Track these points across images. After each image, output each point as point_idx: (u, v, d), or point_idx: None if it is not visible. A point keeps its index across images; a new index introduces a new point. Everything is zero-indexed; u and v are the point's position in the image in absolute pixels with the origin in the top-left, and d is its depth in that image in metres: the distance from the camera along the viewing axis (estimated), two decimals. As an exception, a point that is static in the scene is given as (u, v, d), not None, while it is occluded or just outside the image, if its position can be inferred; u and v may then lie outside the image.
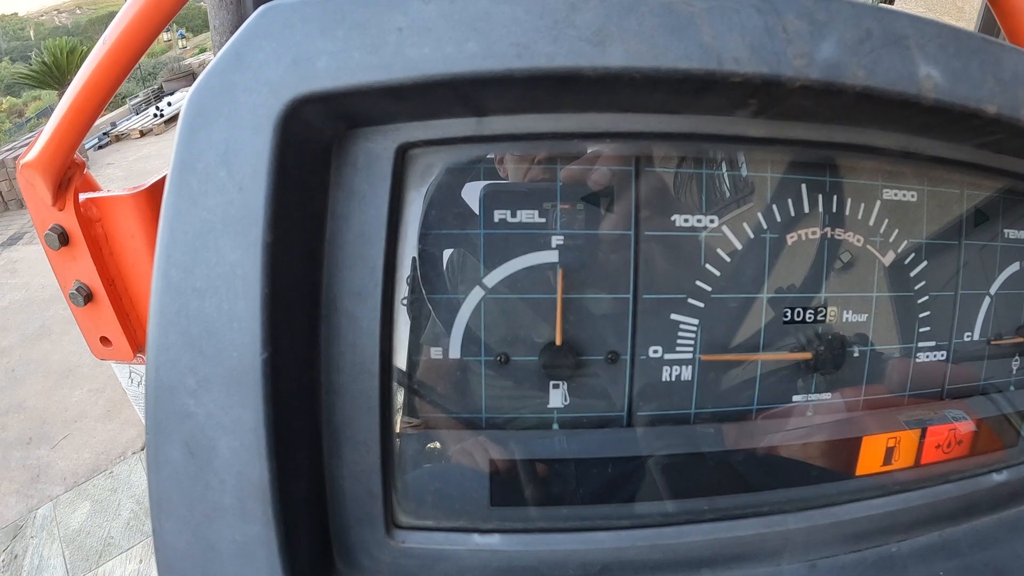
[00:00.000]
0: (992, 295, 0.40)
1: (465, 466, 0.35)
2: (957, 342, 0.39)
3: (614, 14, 0.27)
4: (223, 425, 0.28)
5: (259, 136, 0.27)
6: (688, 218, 0.34)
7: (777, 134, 0.33)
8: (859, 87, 0.29)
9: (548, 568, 0.34)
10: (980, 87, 0.30)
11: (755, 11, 0.28)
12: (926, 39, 0.29)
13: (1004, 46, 0.31)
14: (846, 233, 0.36)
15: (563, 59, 0.26)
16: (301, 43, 0.27)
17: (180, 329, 0.28)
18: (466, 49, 0.26)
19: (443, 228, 0.33)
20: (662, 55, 0.27)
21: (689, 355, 0.35)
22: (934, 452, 0.39)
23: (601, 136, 0.32)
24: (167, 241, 0.27)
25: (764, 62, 0.27)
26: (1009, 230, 0.39)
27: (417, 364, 0.34)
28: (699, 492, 0.36)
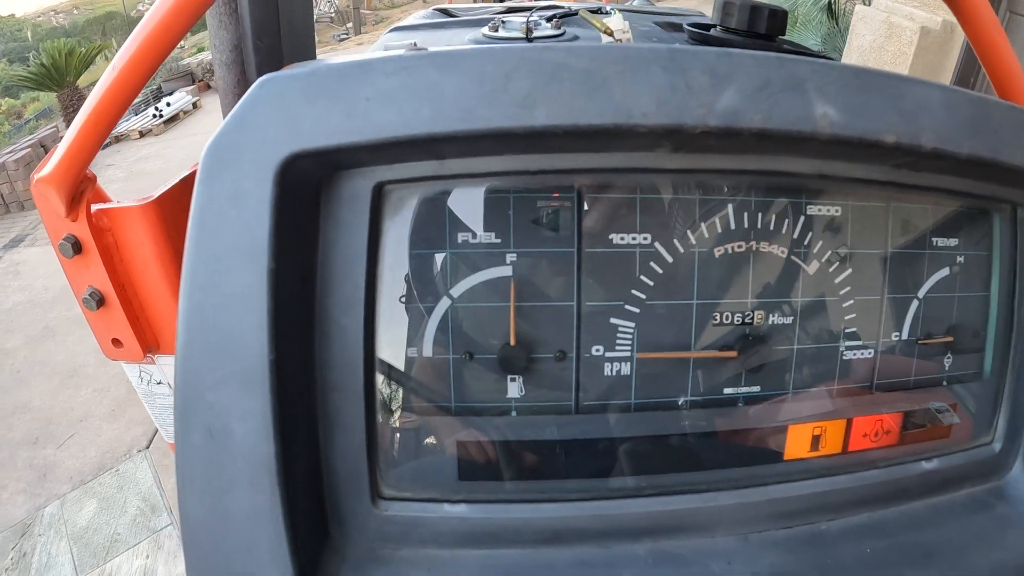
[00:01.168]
0: (921, 298, 0.44)
1: (437, 447, 0.41)
2: (885, 341, 0.43)
3: (540, 81, 0.32)
4: (237, 413, 0.34)
5: (262, 184, 0.33)
6: (624, 236, 0.39)
7: (696, 165, 0.39)
8: (756, 129, 0.33)
9: (507, 533, 0.40)
10: (879, 120, 0.34)
11: (661, 70, 0.33)
12: (824, 81, 0.34)
13: (908, 80, 0.35)
14: (771, 246, 0.40)
15: (498, 121, 0.32)
16: (291, 110, 0.33)
17: (202, 337, 0.34)
18: (421, 114, 0.32)
19: (415, 249, 0.39)
20: (580, 114, 0.32)
21: (627, 353, 0.40)
22: (862, 440, 0.43)
23: (542, 173, 0.38)
24: (191, 266, 0.33)
25: (667, 114, 0.33)
26: (937, 238, 0.43)
27: (396, 362, 0.40)
28: (638, 471, 0.41)
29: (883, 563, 0.41)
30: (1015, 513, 0.45)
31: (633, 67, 0.32)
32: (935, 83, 0.37)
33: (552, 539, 0.40)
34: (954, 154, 0.37)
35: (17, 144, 5.92)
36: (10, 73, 10.85)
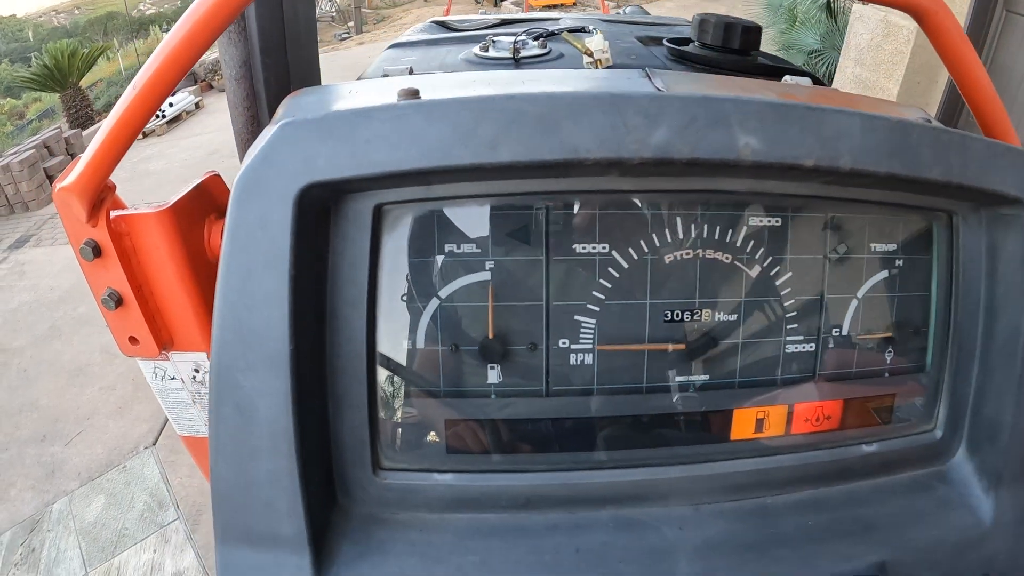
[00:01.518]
0: (860, 298, 0.48)
1: (428, 425, 0.47)
2: (825, 336, 0.48)
3: (504, 126, 0.38)
4: (262, 393, 0.41)
5: (284, 208, 0.39)
6: (585, 246, 0.45)
7: (643, 187, 0.44)
8: (685, 159, 0.39)
9: (487, 499, 0.45)
10: (798, 146, 0.40)
11: (603, 113, 0.39)
12: (746, 115, 0.39)
13: (828, 110, 0.40)
14: (716, 253, 0.45)
15: (471, 159, 0.39)
16: (307, 150, 0.39)
17: (234, 331, 0.41)
18: (410, 153, 0.38)
19: (408, 258, 0.45)
20: (536, 152, 0.38)
21: (589, 345, 0.46)
22: (804, 424, 0.48)
23: (513, 195, 0.44)
24: (225, 274, 0.39)
25: (608, 150, 0.39)
26: (876, 244, 0.48)
27: (393, 352, 0.46)
28: (601, 447, 0.46)
29: (823, 535, 0.45)
30: (956, 495, 0.49)
31: (580, 111, 0.39)
32: (857, 112, 0.41)
33: (526, 505, 0.46)
34: (873, 173, 0.42)
35: (21, 145, 5.93)
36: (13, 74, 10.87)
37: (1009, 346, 0.48)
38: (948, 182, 0.43)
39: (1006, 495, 0.48)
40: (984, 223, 0.48)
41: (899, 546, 0.42)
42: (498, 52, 0.76)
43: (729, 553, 0.44)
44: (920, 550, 0.45)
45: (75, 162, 0.54)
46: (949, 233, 0.49)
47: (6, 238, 4.91)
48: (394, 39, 0.96)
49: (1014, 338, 0.48)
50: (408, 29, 1.08)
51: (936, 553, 0.46)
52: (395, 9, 14.58)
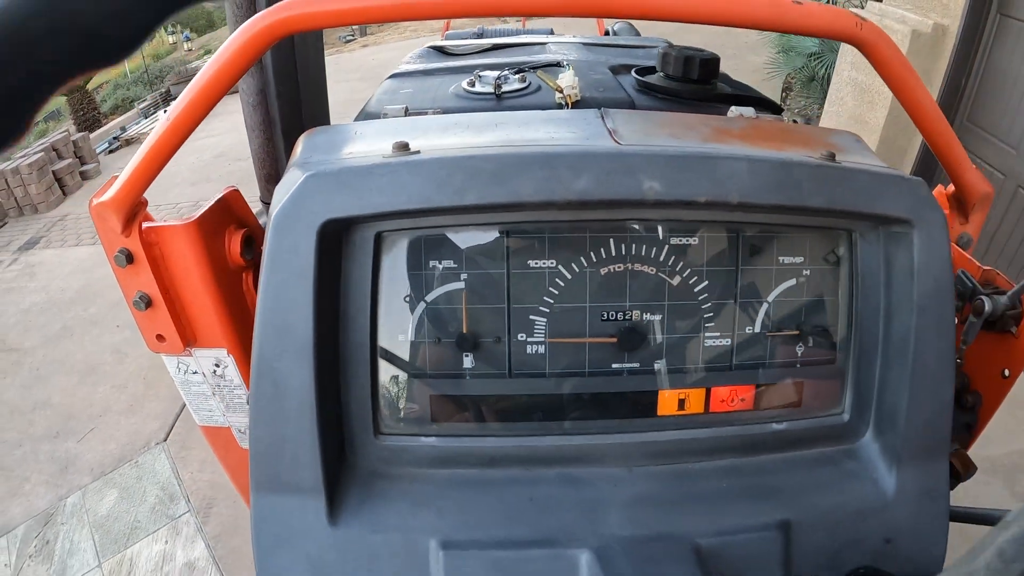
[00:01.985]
0: (770, 302, 0.57)
1: (417, 399, 0.58)
2: (739, 333, 0.56)
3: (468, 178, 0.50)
4: (291, 374, 0.51)
5: (309, 237, 0.50)
6: (537, 262, 0.54)
7: (580, 217, 0.55)
8: (603, 200, 0.50)
9: (461, 457, 0.57)
10: (693, 187, 0.50)
11: (539, 168, 0.50)
12: (651, 165, 0.50)
13: (720, 156, 0.50)
14: (643, 266, 0.55)
15: (445, 202, 0.50)
16: (326, 195, 0.50)
17: (272, 328, 0.51)
18: (400, 198, 0.49)
19: (403, 271, 0.56)
20: (492, 196, 0.50)
21: (542, 339, 0.57)
22: (720, 404, 0.57)
23: (479, 225, 0.55)
24: (266, 286, 0.49)
25: (543, 195, 0.50)
26: (784, 257, 0.56)
27: (390, 344, 0.57)
28: (551, 418, 0.56)
29: (736, 496, 0.54)
30: (861, 469, 0.56)
31: (523, 167, 0.50)
32: (745, 156, 0.51)
33: (491, 462, 0.57)
34: (759, 205, 0.52)
35: (30, 148, 5.99)
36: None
37: (903, 345, 0.55)
38: (831, 209, 0.53)
39: (907, 472, 0.55)
40: (881, 239, 0.56)
41: (804, 509, 0.48)
42: (483, 87, 0.88)
43: (653, 507, 0.53)
44: (823, 513, 0.53)
45: (111, 181, 0.61)
46: (850, 248, 0.58)
47: (16, 240, 4.97)
48: (393, 70, 1.05)
49: (906, 338, 0.55)
50: (406, 56, 1.17)
51: (839, 517, 0.53)
52: (398, 11, 14.65)
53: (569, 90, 0.81)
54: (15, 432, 2.79)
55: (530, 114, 0.62)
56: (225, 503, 2.23)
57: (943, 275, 0.54)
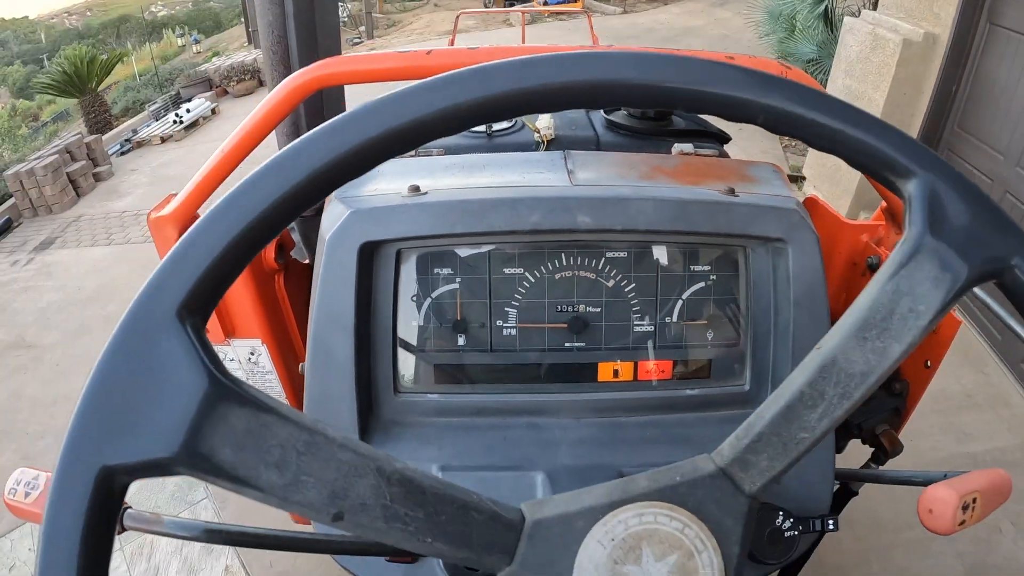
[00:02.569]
0: (684, 299, 0.73)
1: (424, 366, 0.77)
2: (660, 322, 0.72)
3: (458, 215, 0.69)
4: (337, 347, 0.69)
5: (351, 254, 0.69)
6: (510, 270, 0.74)
7: (537, 239, 0.73)
8: (548, 229, 0.69)
9: (456, 409, 0.75)
10: (612, 220, 0.67)
11: (506, 208, 0.69)
12: (581, 205, 0.69)
13: (631, 199, 0.68)
14: (586, 273, 0.71)
15: (443, 231, 0.70)
16: (362, 227, 0.69)
17: (325, 314, 0.70)
18: (413, 228, 0.68)
19: (415, 276, 0.74)
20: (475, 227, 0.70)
21: (514, 324, 0.75)
22: (646, 374, 0.73)
23: (469, 244, 0.74)
24: (321, 287, 0.66)
25: (510, 226, 0.69)
26: (694, 266, 0.73)
27: (404, 329, 0.75)
28: (521, 380, 0.77)
29: (656, 441, 0.70)
30: None
31: (495, 207, 0.69)
32: (652, 197, 0.68)
33: (478, 413, 0.75)
34: (662, 231, 0.70)
35: (45, 150, 6.12)
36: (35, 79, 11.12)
37: (787, 332, 0.71)
38: (719, 233, 0.71)
39: None
40: (768, 253, 0.73)
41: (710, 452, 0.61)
42: (480, 126, 1.09)
43: (593, 447, 0.71)
44: None
45: (169, 199, 0.73)
46: (745, 259, 0.74)
47: (31, 240, 5.06)
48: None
49: (789, 327, 0.70)
50: None
51: None
52: (405, 14, 14.74)
53: (545, 131, 1.01)
54: (37, 424, 2.89)
55: (510, 156, 0.81)
56: (241, 490, 2.34)
57: (815, 279, 0.70)
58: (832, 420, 0.33)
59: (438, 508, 0.31)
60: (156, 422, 0.28)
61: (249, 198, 0.31)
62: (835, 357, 0.33)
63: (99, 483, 0.28)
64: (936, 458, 2.28)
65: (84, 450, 0.28)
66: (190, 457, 0.29)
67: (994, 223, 0.33)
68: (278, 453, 0.29)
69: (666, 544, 0.33)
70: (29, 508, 0.58)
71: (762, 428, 0.34)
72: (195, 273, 0.30)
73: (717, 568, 0.33)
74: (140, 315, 0.30)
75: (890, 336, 0.33)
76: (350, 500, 0.30)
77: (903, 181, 0.35)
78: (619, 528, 0.33)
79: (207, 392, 0.29)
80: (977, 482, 0.52)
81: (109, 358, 0.29)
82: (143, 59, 15.12)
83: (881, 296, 0.33)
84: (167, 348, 0.29)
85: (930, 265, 0.33)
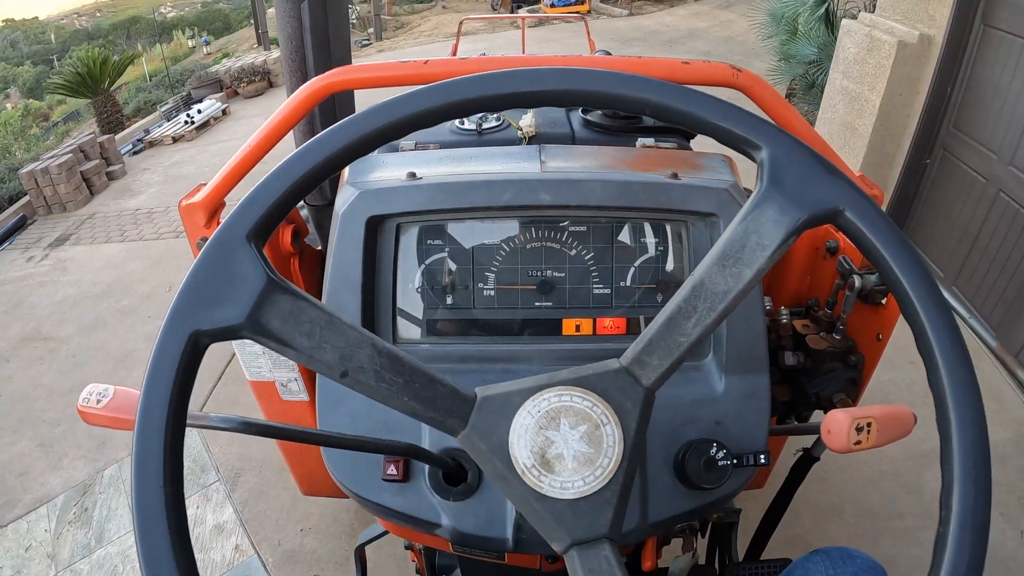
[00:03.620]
0: (636, 266, 0.83)
1: (417, 321, 0.88)
2: (616, 286, 0.82)
3: (448, 194, 0.82)
4: (347, 302, 0.82)
5: (359, 227, 0.82)
6: (489, 240, 0.86)
7: (510, 214, 0.85)
8: (518, 205, 0.82)
9: (444, 356, 0.86)
10: (570, 198, 0.82)
11: (484, 189, 0.82)
12: (546, 186, 0.81)
13: (586, 180, 0.82)
14: (552, 244, 0.81)
15: (434, 206, 0.83)
16: (369, 203, 0.82)
17: (338, 276, 0.82)
18: (409, 205, 0.79)
19: (412, 246, 0.86)
20: (460, 203, 0.82)
21: (493, 286, 0.87)
22: (604, 329, 0.84)
23: (455, 219, 0.86)
24: (335, 254, 0.76)
25: (487, 203, 0.82)
26: (643, 238, 0.82)
27: (403, 291, 0.87)
28: (500, 333, 0.88)
29: None
30: (701, 377, 0.81)
31: (478, 188, 0.82)
32: (600, 179, 0.79)
33: (462, 360, 0.86)
34: (610, 207, 0.81)
35: (59, 149, 6.23)
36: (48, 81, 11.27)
37: None
38: (658, 208, 0.81)
39: (733, 380, 0.79)
40: (706, 226, 0.83)
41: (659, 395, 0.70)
42: (470, 124, 1.22)
43: None
44: (672, 398, 0.77)
45: (198, 188, 0.83)
46: (687, 231, 0.85)
47: (46, 236, 5.16)
48: None
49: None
50: None
51: (682, 402, 0.78)
52: (414, 16, 14.85)
53: (527, 128, 1.16)
54: (54, 412, 2.98)
55: (495, 150, 0.92)
56: (252, 473, 2.43)
57: None
58: (703, 328, 0.44)
59: (414, 378, 0.43)
60: (231, 302, 0.42)
61: (295, 165, 0.45)
62: (703, 280, 0.45)
63: (190, 341, 0.41)
64: (925, 449, 2.35)
65: (181, 319, 0.41)
66: (252, 325, 0.42)
67: (823, 179, 0.44)
68: (308, 326, 0.43)
69: (579, 417, 0.44)
70: (100, 412, 0.67)
71: (652, 335, 0.45)
72: (259, 211, 0.45)
73: (617, 439, 0.43)
74: (223, 236, 0.44)
75: (743, 263, 0.44)
76: (353, 363, 0.43)
77: (755, 151, 0.46)
78: (544, 404, 0.44)
79: (264, 285, 0.43)
80: (873, 412, 0.61)
81: (202, 261, 0.42)
82: (153, 60, 15.29)
83: (735, 234, 0.45)
84: (239, 258, 0.43)
85: (771, 211, 0.44)
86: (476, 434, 0.44)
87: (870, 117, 3.52)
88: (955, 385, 0.43)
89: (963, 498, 0.40)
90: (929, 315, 0.43)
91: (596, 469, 0.42)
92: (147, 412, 0.39)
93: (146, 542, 0.38)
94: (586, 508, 0.42)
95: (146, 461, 0.39)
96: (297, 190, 0.46)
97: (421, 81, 0.92)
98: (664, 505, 0.74)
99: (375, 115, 0.47)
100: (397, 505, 0.76)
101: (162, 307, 3.74)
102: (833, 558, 0.77)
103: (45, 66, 27.28)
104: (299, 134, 1.22)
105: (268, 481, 2.40)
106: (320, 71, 0.95)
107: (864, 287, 0.85)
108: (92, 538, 2.32)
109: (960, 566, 0.39)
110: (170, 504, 0.39)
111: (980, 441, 0.42)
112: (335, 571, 2.07)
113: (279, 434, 0.67)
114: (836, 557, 0.77)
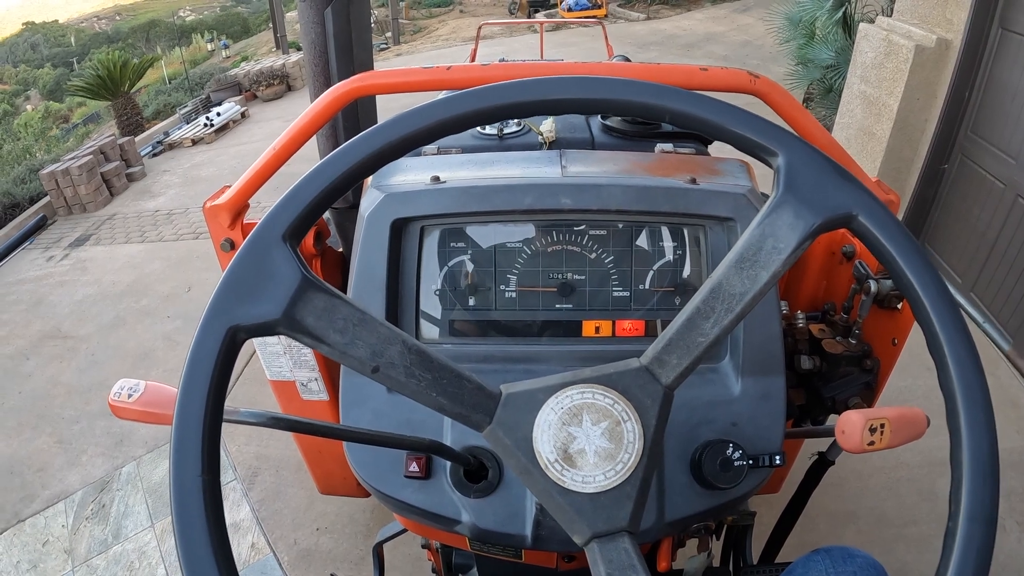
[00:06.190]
0: (655, 270, 0.84)
1: (441, 321, 0.90)
2: (634, 289, 0.83)
3: (470, 198, 0.82)
4: (372, 301, 0.84)
5: (384, 228, 0.84)
6: (511, 243, 0.88)
7: (532, 218, 0.86)
8: (539, 209, 0.84)
9: (466, 356, 0.88)
10: (590, 202, 0.83)
11: (507, 192, 0.84)
12: (567, 190, 0.83)
13: (606, 185, 0.83)
14: (572, 247, 0.82)
15: (456, 209, 0.85)
16: (394, 207, 0.84)
17: (365, 278, 0.84)
18: (433, 209, 0.79)
19: (435, 248, 0.88)
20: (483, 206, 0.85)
21: (514, 288, 0.88)
22: (623, 332, 0.84)
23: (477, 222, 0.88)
24: (360, 255, 0.78)
25: (510, 206, 0.84)
26: (663, 242, 0.83)
27: (425, 291, 0.89)
28: (521, 334, 0.89)
29: None
30: (719, 378, 0.82)
31: (499, 192, 0.83)
32: (620, 184, 0.79)
33: (484, 360, 0.87)
34: (629, 211, 0.82)
35: (79, 151, 6.31)
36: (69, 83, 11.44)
37: None
38: (676, 212, 0.82)
39: (749, 381, 0.80)
40: (724, 230, 0.84)
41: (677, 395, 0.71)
42: (491, 129, 1.24)
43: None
44: (689, 399, 0.78)
45: (223, 190, 0.84)
46: (705, 235, 0.86)
47: (66, 236, 5.22)
48: None
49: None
50: None
51: (699, 403, 0.79)
52: (431, 20, 14.90)
53: (547, 133, 1.16)
54: (72, 410, 3.01)
55: (516, 154, 0.93)
56: (268, 472, 2.46)
57: None
58: (722, 328, 0.45)
59: (442, 374, 0.45)
60: (268, 299, 0.44)
61: (332, 167, 0.47)
62: (721, 282, 0.46)
63: (228, 336, 0.43)
64: (940, 457, 2.32)
65: (219, 314, 0.43)
66: (287, 321, 0.44)
67: (837, 185, 0.46)
68: (341, 323, 0.44)
69: (601, 413, 0.45)
70: (132, 407, 0.68)
71: (671, 335, 0.47)
72: (295, 212, 0.46)
73: (638, 435, 0.45)
74: (261, 235, 0.45)
75: (760, 266, 0.45)
76: (384, 359, 0.44)
77: (771, 158, 0.48)
78: (567, 401, 0.45)
79: (300, 283, 0.44)
80: (887, 413, 0.62)
81: (240, 259, 0.44)
82: (172, 63, 15.44)
83: (751, 238, 0.46)
84: (276, 257, 0.45)
85: (787, 215, 0.46)
86: (501, 429, 0.45)
87: (888, 122, 3.50)
88: (964, 385, 0.43)
89: (972, 492, 0.41)
90: (939, 316, 0.44)
91: (617, 464, 0.43)
92: (186, 403, 0.41)
93: (183, 526, 0.39)
94: (607, 502, 0.43)
95: (185, 450, 0.40)
96: (332, 191, 0.47)
97: (444, 87, 0.93)
98: (681, 504, 0.74)
99: (410, 119, 0.48)
100: (418, 502, 0.76)
101: (181, 308, 3.79)
102: (834, 557, 0.79)
103: (65, 68, 27.62)
104: (322, 138, 1.24)
105: (285, 480, 2.42)
106: (343, 76, 0.98)
107: (880, 292, 0.85)
108: (109, 534, 2.35)
109: (969, 558, 0.40)
110: (207, 491, 0.40)
111: (988, 439, 0.42)
112: (351, 570, 2.09)
113: (307, 429, 0.68)
114: (837, 556, 0.79)
